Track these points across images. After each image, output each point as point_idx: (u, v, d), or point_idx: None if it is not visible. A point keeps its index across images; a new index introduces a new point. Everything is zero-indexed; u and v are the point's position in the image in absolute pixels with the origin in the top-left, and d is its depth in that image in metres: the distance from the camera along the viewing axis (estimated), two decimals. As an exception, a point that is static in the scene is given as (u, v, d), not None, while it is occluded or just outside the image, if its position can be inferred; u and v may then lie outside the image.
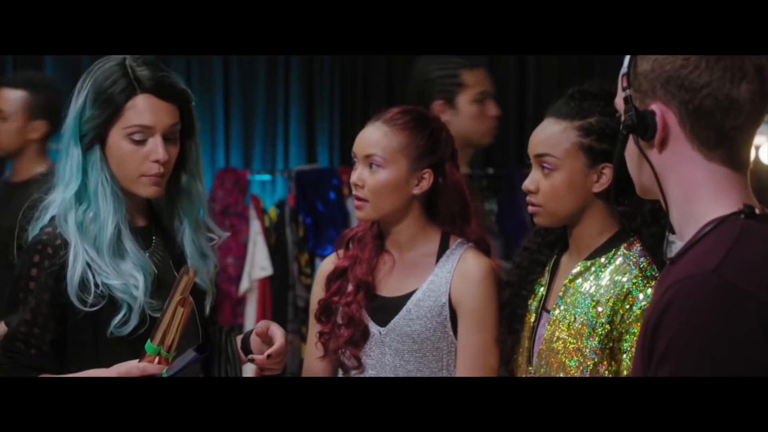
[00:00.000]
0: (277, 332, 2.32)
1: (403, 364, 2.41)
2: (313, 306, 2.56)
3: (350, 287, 2.48)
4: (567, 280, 2.27)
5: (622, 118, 1.57)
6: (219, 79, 5.78)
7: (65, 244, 2.15)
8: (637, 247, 2.23)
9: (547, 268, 2.37)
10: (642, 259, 2.21)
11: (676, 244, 1.55)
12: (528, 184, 2.27)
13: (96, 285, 2.14)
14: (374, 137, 2.42)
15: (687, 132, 1.50)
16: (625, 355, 2.17)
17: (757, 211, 1.50)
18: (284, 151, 5.94)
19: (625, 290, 2.18)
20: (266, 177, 5.78)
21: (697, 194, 1.51)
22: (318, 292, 2.56)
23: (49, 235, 2.17)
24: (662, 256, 2.08)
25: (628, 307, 2.17)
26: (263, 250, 5.25)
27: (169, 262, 2.30)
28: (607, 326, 2.18)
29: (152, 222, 2.33)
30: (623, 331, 2.16)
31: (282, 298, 5.35)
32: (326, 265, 2.60)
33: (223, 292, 5.22)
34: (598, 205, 2.25)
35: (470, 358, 2.38)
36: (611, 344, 2.18)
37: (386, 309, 2.44)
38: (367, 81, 6.09)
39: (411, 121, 2.43)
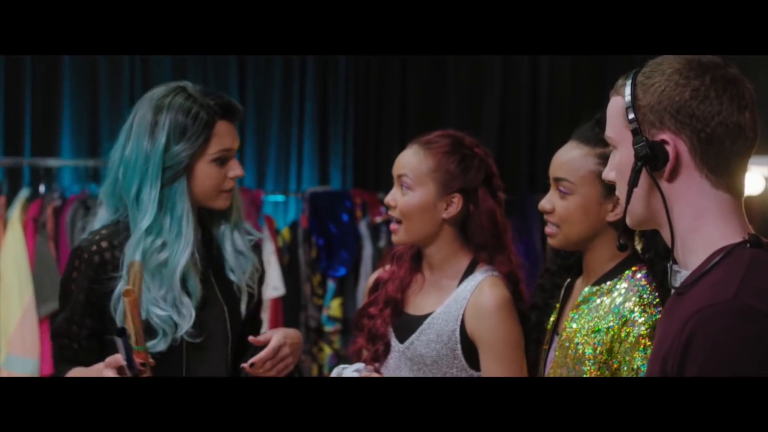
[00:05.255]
0: (272, 340, 2.34)
1: None
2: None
3: (380, 302, 2.54)
4: (574, 305, 2.28)
5: (615, 153, 1.61)
6: (234, 99, 5.79)
7: (101, 250, 2.33)
8: (642, 273, 2.23)
9: (561, 291, 2.39)
10: (645, 286, 2.20)
11: (681, 273, 1.58)
12: (544, 203, 2.29)
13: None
14: (407, 159, 2.48)
15: (697, 160, 1.55)
16: None
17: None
18: (297, 173, 5.98)
19: (623, 317, 2.17)
20: (280, 198, 5.83)
21: (702, 222, 1.56)
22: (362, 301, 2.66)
23: (87, 242, 2.36)
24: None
25: (625, 334, 2.15)
26: (276, 270, 5.27)
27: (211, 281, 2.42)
28: (606, 354, 2.17)
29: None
30: (621, 359, 2.15)
31: (294, 318, 5.37)
32: (373, 275, 2.69)
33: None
34: (611, 232, 2.26)
35: None
36: (609, 372, 2.17)
37: (407, 326, 2.48)
38: (381, 104, 6.14)
39: (444, 145, 2.46)
